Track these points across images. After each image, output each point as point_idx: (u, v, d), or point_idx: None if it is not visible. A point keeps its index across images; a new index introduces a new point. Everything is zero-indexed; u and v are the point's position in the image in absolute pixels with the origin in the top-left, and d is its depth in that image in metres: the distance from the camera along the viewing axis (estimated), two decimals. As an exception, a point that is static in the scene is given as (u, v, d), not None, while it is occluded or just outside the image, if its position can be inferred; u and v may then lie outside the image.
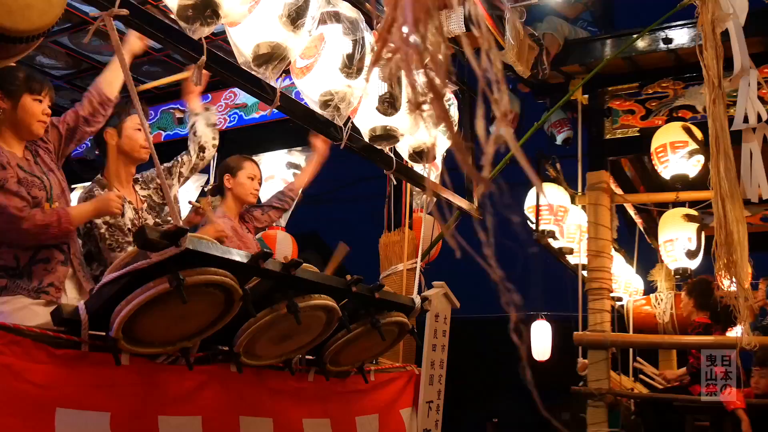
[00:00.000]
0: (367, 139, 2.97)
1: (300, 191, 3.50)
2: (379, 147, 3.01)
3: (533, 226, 5.22)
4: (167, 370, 1.99)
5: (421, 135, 3.16)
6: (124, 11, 1.82)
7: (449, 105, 3.27)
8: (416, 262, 3.60)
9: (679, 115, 5.07)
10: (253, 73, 2.31)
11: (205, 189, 5.35)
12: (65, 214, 2.27)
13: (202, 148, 2.96)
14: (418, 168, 3.44)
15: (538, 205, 5.20)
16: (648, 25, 4.58)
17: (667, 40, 4.70)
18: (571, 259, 5.68)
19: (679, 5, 3.49)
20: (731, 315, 5.23)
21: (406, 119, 2.90)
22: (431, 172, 3.68)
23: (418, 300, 2.92)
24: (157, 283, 1.69)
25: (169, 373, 1.99)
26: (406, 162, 3.35)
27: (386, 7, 0.83)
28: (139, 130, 2.73)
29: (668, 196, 5.27)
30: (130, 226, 2.67)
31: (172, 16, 2.09)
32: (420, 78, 0.82)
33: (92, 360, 1.77)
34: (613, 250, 6.00)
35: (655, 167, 4.97)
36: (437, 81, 0.82)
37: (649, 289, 6.69)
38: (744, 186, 2.58)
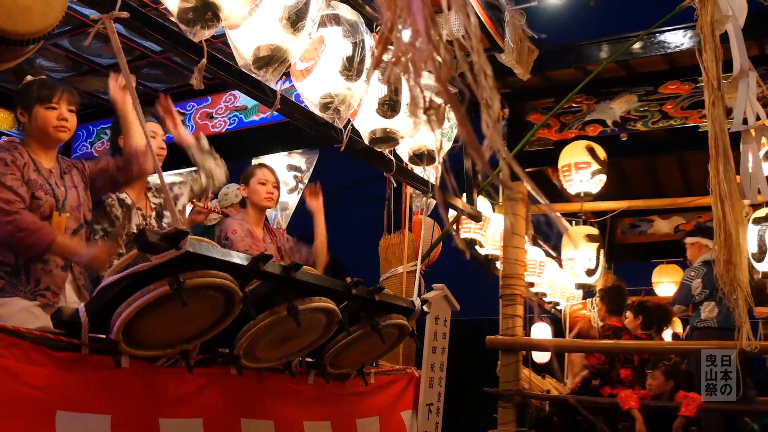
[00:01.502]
0: (367, 142, 2.97)
1: (325, 254, 3.51)
2: (379, 149, 3.02)
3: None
4: (167, 372, 1.99)
5: (421, 137, 3.16)
6: (125, 14, 1.82)
7: (449, 107, 3.27)
8: (416, 265, 3.60)
9: (589, 129, 5.40)
10: (253, 75, 2.32)
11: (205, 191, 5.34)
12: (49, 233, 2.24)
13: (210, 174, 2.99)
14: (418, 170, 3.44)
15: (458, 216, 5.40)
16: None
17: (580, 59, 5.04)
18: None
19: (678, 8, 3.49)
20: (665, 318, 5.42)
21: (406, 122, 2.90)
22: (431, 174, 3.68)
23: (418, 302, 2.92)
24: (157, 285, 1.69)
25: (170, 376, 1.99)
26: (406, 164, 3.35)
27: (386, 11, 0.83)
28: (153, 137, 2.79)
29: (573, 206, 5.56)
30: (136, 231, 2.70)
31: (173, 19, 2.09)
32: (427, 81, 0.82)
33: (92, 363, 1.76)
34: (545, 256, 6.50)
35: (562, 183, 5.27)
36: (447, 83, 0.82)
37: (589, 294, 6.88)
38: (743, 187, 2.58)
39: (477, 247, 5.79)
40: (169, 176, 3.09)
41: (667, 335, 6.24)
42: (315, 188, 3.48)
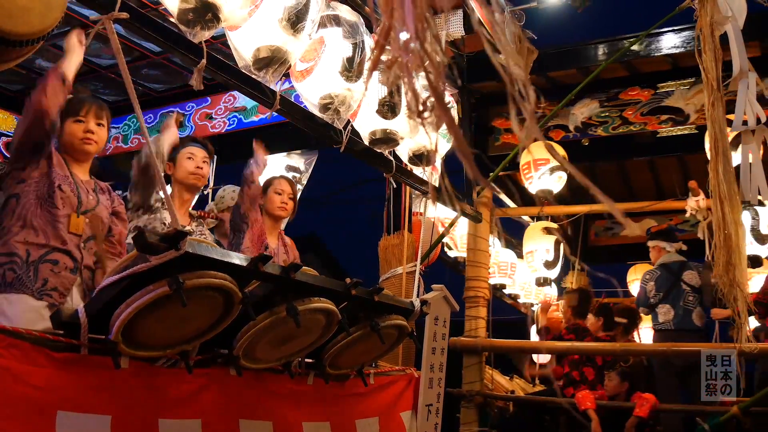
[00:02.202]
0: (366, 143, 2.97)
1: None
2: (378, 150, 3.02)
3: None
4: (167, 373, 1.99)
5: (420, 138, 3.17)
6: (124, 15, 1.82)
7: (450, 108, 3.28)
8: (416, 266, 3.60)
9: (552, 134, 5.50)
10: (253, 76, 2.32)
11: (205, 192, 5.36)
12: (49, 75, 2.22)
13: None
14: (417, 171, 3.45)
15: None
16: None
17: (544, 67, 5.14)
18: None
19: (678, 8, 3.49)
20: (633, 320, 5.53)
21: (405, 122, 2.90)
22: (431, 175, 3.69)
23: (417, 303, 2.92)
24: (156, 286, 1.69)
25: (169, 376, 1.99)
26: (406, 165, 3.35)
27: (383, 14, 0.84)
28: (190, 158, 2.89)
29: (533, 210, 5.64)
30: None
31: (172, 20, 2.09)
32: (420, 83, 0.83)
33: (92, 363, 1.76)
34: (516, 257, 6.67)
35: (523, 183, 5.34)
36: (438, 85, 0.82)
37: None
38: (743, 188, 2.58)
39: (446, 249, 5.89)
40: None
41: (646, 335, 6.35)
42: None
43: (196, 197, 4.78)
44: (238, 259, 1.90)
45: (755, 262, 4.75)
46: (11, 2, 1.66)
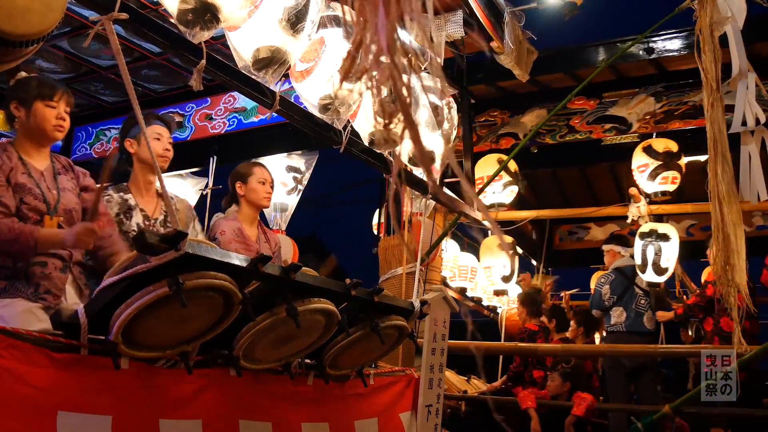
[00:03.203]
0: (366, 143, 2.97)
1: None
2: (378, 151, 3.02)
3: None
4: (167, 373, 1.99)
5: (424, 139, 3.16)
6: (124, 15, 1.82)
7: (450, 108, 3.28)
8: (415, 266, 3.60)
9: (503, 142, 5.75)
10: (252, 77, 2.32)
11: (204, 192, 5.36)
12: (29, 235, 2.20)
13: None
14: (417, 172, 3.45)
15: (379, 222, 5.65)
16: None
17: (493, 74, 5.29)
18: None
19: (678, 9, 3.50)
20: (593, 322, 5.72)
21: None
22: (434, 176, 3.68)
23: (417, 303, 2.92)
24: (156, 286, 1.69)
25: (169, 377, 1.99)
26: (406, 166, 3.35)
27: (355, 26, 0.84)
28: (157, 139, 2.76)
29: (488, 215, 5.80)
30: (135, 229, 2.68)
31: (172, 20, 2.10)
32: (428, 83, 0.83)
33: (92, 364, 1.76)
34: (477, 261, 6.87)
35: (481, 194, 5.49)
36: (405, 98, 0.83)
37: None
38: (742, 189, 2.58)
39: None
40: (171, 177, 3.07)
41: None
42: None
43: (196, 197, 4.77)
44: (238, 259, 1.90)
45: (653, 287, 5.07)
46: (11, 3, 1.66)
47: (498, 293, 6.59)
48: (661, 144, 5.24)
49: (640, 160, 5.27)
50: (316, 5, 2.31)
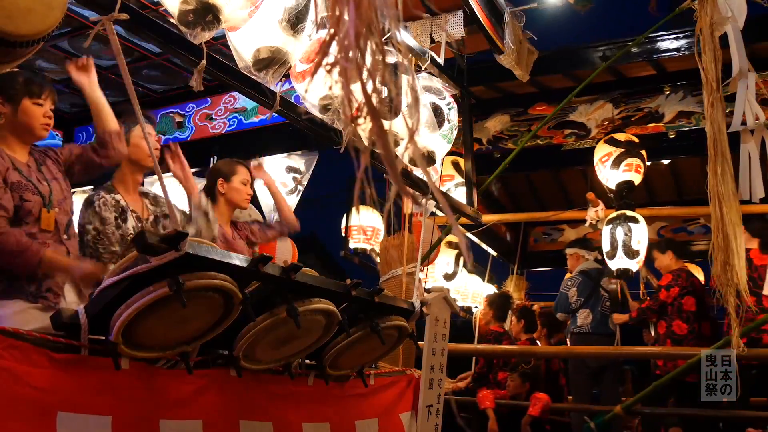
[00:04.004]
0: (366, 143, 2.97)
1: (293, 220, 3.48)
2: (378, 151, 3.01)
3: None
4: (167, 374, 1.99)
5: (421, 139, 3.17)
6: (124, 15, 1.82)
7: (449, 109, 3.28)
8: (416, 266, 3.60)
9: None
10: (253, 77, 2.32)
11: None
12: (35, 252, 2.19)
13: (198, 232, 2.90)
14: (417, 172, 3.45)
15: (347, 225, 5.79)
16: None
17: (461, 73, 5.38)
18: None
19: (678, 9, 3.50)
20: (559, 325, 5.83)
21: (405, 123, 2.90)
22: (431, 175, 3.68)
23: (417, 304, 2.92)
24: (156, 287, 1.69)
25: (169, 377, 1.99)
26: (406, 166, 3.35)
27: (329, 21, 0.84)
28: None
29: (440, 219, 5.90)
30: (132, 232, 2.67)
31: (173, 21, 2.10)
32: (427, 83, 0.83)
33: (92, 364, 1.76)
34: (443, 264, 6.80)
35: None
36: (374, 98, 0.83)
37: None
38: (741, 188, 2.58)
39: (375, 255, 6.07)
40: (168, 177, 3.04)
41: None
42: (260, 162, 3.44)
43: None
44: (238, 260, 1.90)
45: (623, 274, 5.07)
46: (12, 3, 1.66)
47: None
48: (622, 135, 5.34)
49: (603, 151, 5.33)
50: (317, 5, 2.31)
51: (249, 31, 2.21)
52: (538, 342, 5.90)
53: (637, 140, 5.28)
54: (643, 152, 5.30)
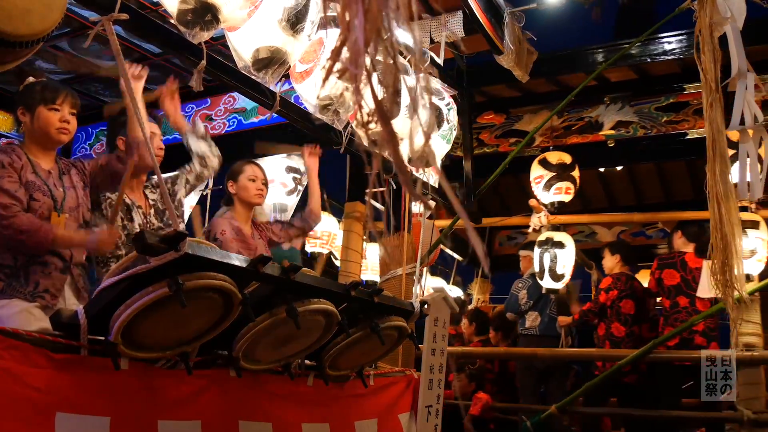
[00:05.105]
0: (366, 144, 2.97)
1: (320, 213, 3.52)
2: (388, 155, 3.01)
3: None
4: (166, 374, 1.99)
5: (420, 139, 3.16)
6: (124, 16, 1.83)
7: (449, 109, 3.28)
8: (415, 267, 3.60)
9: None
10: (252, 77, 2.32)
11: (204, 193, 5.35)
12: (48, 231, 2.25)
13: (203, 160, 2.97)
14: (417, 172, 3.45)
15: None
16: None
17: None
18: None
19: (678, 9, 3.50)
20: (511, 326, 5.76)
21: (405, 123, 2.90)
22: (431, 176, 3.69)
23: (417, 304, 2.92)
24: (156, 287, 1.69)
25: (169, 378, 1.99)
26: (406, 166, 3.35)
27: (341, 25, 0.84)
28: (150, 138, 2.77)
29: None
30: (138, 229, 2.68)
31: (172, 21, 2.10)
32: (419, 86, 0.83)
33: (91, 364, 1.76)
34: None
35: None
36: (386, 103, 0.83)
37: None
38: (740, 188, 2.58)
39: (334, 259, 6.18)
40: (165, 174, 3.04)
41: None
42: (314, 149, 3.46)
43: (196, 198, 4.75)
44: (237, 260, 1.90)
45: (553, 292, 5.37)
46: (11, 4, 1.66)
47: None
48: (554, 156, 5.55)
49: (536, 172, 5.59)
50: (316, 6, 2.31)
51: (248, 31, 2.21)
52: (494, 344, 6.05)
53: (569, 160, 5.53)
54: (575, 172, 5.54)
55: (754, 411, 4.07)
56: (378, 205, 5.52)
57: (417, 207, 4.39)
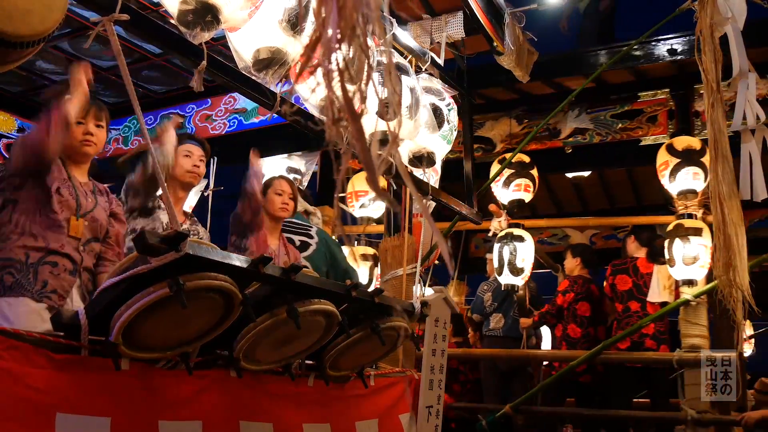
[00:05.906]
0: (366, 144, 2.97)
1: None
2: (378, 152, 3.01)
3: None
4: (167, 374, 1.98)
5: (421, 140, 3.17)
6: (125, 16, 1.82)
7: (449, 110, 3.28)
8: (416, 267, 3.60)
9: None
10: (253, 78, 2.32)
11: (205, 194, 5.36)
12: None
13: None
14: (417, 173, 3.45)
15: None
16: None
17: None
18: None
19: (678, 10, 3.50)
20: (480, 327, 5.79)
21: (406, 124, 2.90)
22: (431, 176, 3.69)
23: (418, 305, 2.92)
24: (156, 287, 1.69)
25: (169, 378, 1.99)
26: (406, 166, 3.35)
27: (315, 21, 0.84)
28: (187, 156, 2.85)
29: (358, 229, 6.06)
30: None
31: (173, 21, 2.10)
32: (427, 84, 0.83)
33: (92, 365, 1.76)
34: None
35: (350, 208, 5.75)
36: (355, 100, 0.83)
37: None
38: (742, 187, 2.58)
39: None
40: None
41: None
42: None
43: (196, 198, 4.78)
44: (238, 260, 1.89)
45: (511, 289, 5.38)
46: (11, 4, 1.66)
47: None
48: (514, 156, 5.61)
49: (495, 170, 5.64)
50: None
51: (249, 31, 2.21)
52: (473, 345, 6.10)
53: (528, 159, 5.58)
54: (534, 171, 5.59)
55: (698, 411, 4.18)
56: (346, 209, 5.56)
57: (417, 207, 4.39)
